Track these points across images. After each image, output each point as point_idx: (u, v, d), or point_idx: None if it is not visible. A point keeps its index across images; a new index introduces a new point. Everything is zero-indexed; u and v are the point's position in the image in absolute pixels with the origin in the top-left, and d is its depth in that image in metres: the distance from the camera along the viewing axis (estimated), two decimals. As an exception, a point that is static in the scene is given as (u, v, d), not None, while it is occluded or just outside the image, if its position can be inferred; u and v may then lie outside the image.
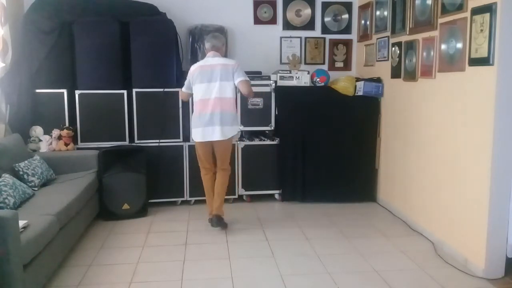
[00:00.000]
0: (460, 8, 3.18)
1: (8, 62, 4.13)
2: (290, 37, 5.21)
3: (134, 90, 4.40)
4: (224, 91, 3.69)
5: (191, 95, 3.93)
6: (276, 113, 4.70)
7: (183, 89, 3.96)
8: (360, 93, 4.60)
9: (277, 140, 4.70)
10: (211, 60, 3.76)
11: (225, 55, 4.38)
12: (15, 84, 4.20)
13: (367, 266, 3.20)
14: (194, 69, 3.81)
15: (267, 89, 4.63)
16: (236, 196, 4.66)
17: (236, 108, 3.91)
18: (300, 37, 5.23)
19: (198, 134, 3.77)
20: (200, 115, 3.73)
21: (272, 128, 4.71)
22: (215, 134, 3.69)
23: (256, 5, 5.12)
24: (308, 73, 4.82)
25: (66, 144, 4.23)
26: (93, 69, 4.33)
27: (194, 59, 4.68)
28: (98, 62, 4.33)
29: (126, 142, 4.43)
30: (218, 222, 3.81)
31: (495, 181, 2.95)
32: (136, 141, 4.44)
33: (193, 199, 4.62)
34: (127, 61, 4.41)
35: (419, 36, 3.78)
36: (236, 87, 3.76)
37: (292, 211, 4.45)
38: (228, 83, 3.69)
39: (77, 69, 4.35)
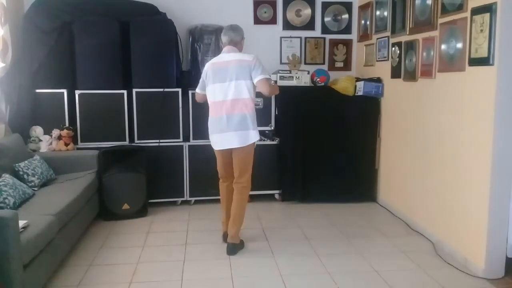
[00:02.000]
0: (460, 8, 3.18)
1: (8, 62, 4.13)
2: (290, 37, 5.20)
3: (134, 90, 4.39)
4: (241, 91, 3.21)
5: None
6: (276, 113, 4.70)
7: (197, 90, 3.53)
8: (360, 93, 4.60)
9: (277, 140, 4.70)
10: (225, 57, 3.30)
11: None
12: (15, 84, 4.20)
13: (367, 266, 3.20)
14: (207, 67, 3.38)
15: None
16: (236, 196, 4.66)
17: (254, 108, 3.34)
18: (300, 37, 5.22)
19: (215, 142, 3.36)
20: (215, 120, 3.31)
21: (272, 128, 4.71)
22: (234, 140, 3.24)
23: (256, 5, 5.12)
24: (308, 73, 4.81)
25: (66, 144, 4.23)
26: (93, 69, 4.33)
27: (194, 59, 4.68)
28: (98, 62, 4.32)
29: (126, 142, 4.43)
30: (233, 250, 3.37)
31: (495, 181, 2.96)
32: (136, 141, 4.43)
33: (193, 199, 4.62)
34: (127, 61, 4.40)
35: (419, 36, 3.78)
36: (254, 86, 3.27)
37: (292, 211, 4.44)
38: (245, 82, 3.21)
39: (77, 69, 4.35)
